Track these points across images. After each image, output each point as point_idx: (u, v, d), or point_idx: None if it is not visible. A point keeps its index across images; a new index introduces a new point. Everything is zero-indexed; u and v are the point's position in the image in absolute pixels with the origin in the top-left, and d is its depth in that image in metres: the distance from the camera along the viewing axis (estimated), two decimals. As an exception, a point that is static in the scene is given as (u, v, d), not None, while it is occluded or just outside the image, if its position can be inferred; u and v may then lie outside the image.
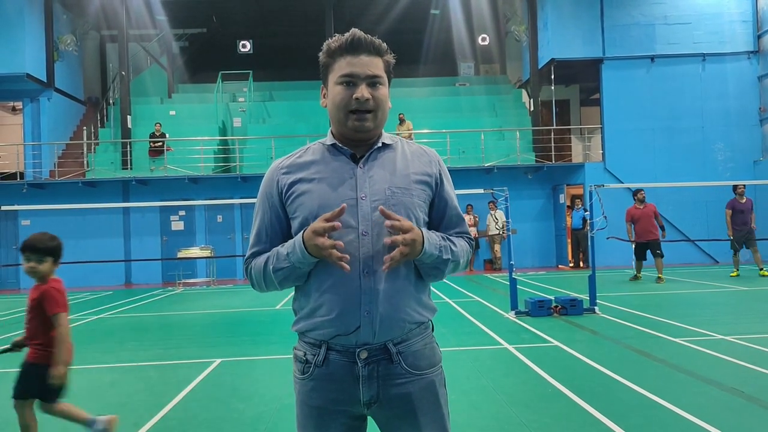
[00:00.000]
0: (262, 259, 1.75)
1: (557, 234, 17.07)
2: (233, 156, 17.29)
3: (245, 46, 19.88)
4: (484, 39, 20.56)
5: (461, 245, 1.78)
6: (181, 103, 19.65)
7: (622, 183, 15.58)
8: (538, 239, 17.08)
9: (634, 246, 12.44)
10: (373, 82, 1.69)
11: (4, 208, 9.17)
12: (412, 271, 1.70)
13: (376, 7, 18.97)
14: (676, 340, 6.45)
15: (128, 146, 17.01)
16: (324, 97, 1.78)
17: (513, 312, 8.42)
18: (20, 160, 16.81)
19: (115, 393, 5.11)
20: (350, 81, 1.68)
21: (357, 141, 1.74)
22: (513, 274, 8.64)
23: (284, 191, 1.74)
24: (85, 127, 18.01)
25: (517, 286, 8.82)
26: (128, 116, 17.27)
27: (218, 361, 6.22)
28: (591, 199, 8.88)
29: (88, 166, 16.95)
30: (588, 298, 8.67)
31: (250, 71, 19.76)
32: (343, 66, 1.68)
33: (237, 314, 9.82)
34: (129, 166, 16.79)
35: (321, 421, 1.70)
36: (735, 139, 16.57)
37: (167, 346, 7.26)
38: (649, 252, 12.19)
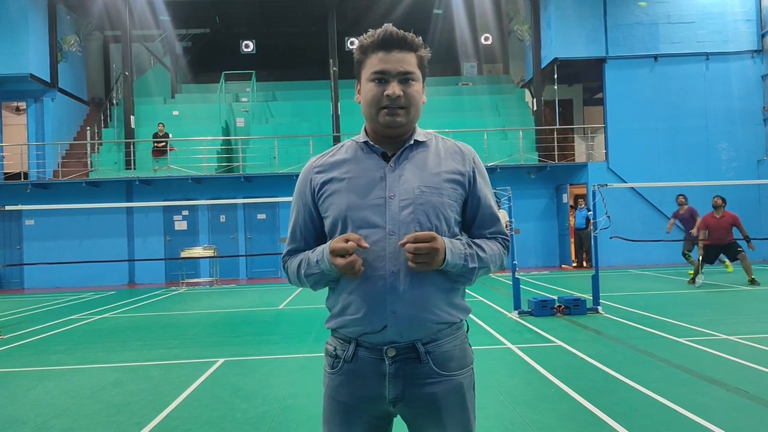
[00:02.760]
0: (296, 260, 1.78)
1: (560, 234, 17.05)
2: (236, 156, 17.31)
3: (248, 46, 19.88)
4: (486, 38, 20.51)
5: (492, 249, 1.76)
6: (184, 103, 19.66)
7: (626, 183, 15.57)
8: (541, 239, 17.05)
9: (702, 248, 11.40)
10: (404, 78, 1.67)
11: (8, 208, 9.19)
12: (441, 271, 1.68)
13: (379, 7, 18.97)
14: (680, 339, 6.44)
15: (131, 146, 17.03)
16: (358, 93, 1.77)
17: (516, 312, 8.41)
18: (24, 161, 16.84)
19: (118, 392, 5.11)
20: (382, 78, 1.67)
21: (389, 137, 1.73)
22: (516, 273, 8.63)
23: (317, 190, 1.74)
24: (88, 128, 18.04)
25: (521, 286, 8.81)
26: (131, 116, 17.29)
27: (221, 360, 6.22)
28: (594, 198, 8.87)
29: (91, 167, 16.98)
30: (591, 297, 8.66)
31: (253, 71, 19.76)
32: (374, 63, 1.68)
33: (240, 314, 9.82)
34: (132, 166, 16.81)
35: (346, 417, 1.70)
36: (739, 139, 16.52)
37: (170, 345, 7.26)
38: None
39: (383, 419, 1.73)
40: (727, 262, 12.49)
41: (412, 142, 1.74)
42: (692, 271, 11.74)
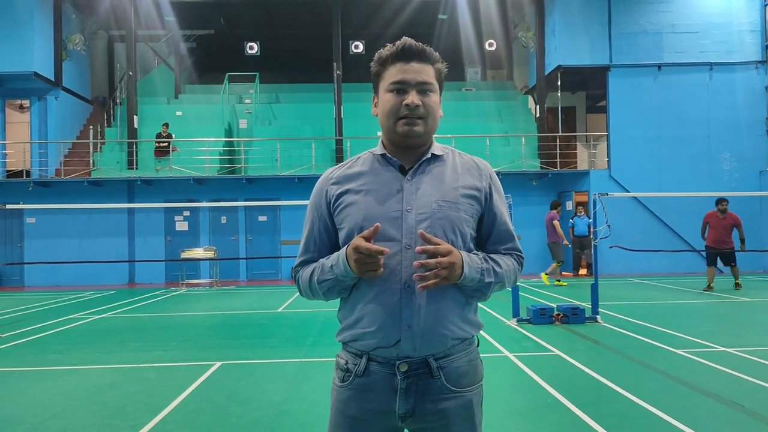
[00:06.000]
0: (309, 269, 1.76)
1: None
2: (238, 157, 17.33)
3: (252, 48, 19.93)
4: (491, 44, 20.55)
5: (507, 265, 1.75)
6: (187, 104, 19.70)
7: (627, 191, 15.57)
8: (542, 246, 17.01)
9: (705, 251, 12.21)
10: (423, 89, 1.68)
11: (9, 207, 9.20)
12: (457, 286, 1.67)
13: (384, 12, 18.99)
14: (678, 351, 6.43)
15: (134, 146, 17.06)
16: (375, 106, 1.77)
17: (515, 319, 8.40)
18: (27, 158, 16.89)
19: (114, 394, 5.12)
20: (400, 88, 1.67)
21: (407, 149, 1.73)
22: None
23: (332, 202, 1.74)
24: (91, 127, 18.07)
25: (520, 293, 8.80)
26: (135, 116, 17.32)
27: (218, 364, 6.22)
28: (595, 207, 8.86)
29: (93, 166, 17.02)
30: (590, 306, 8.65)
31: (257, 73, 19.81)
32: (393, 74, 1.68)
33: (239, 316, 9.82)
34: (135, 166, 16.84)
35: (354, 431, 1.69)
36: (741, 149, 16.51)
37: (168, 347, 7.26)
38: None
39: None
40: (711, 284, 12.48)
41: (429, 155, 1.74)
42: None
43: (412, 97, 1.65)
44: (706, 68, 16.59)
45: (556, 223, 13.61)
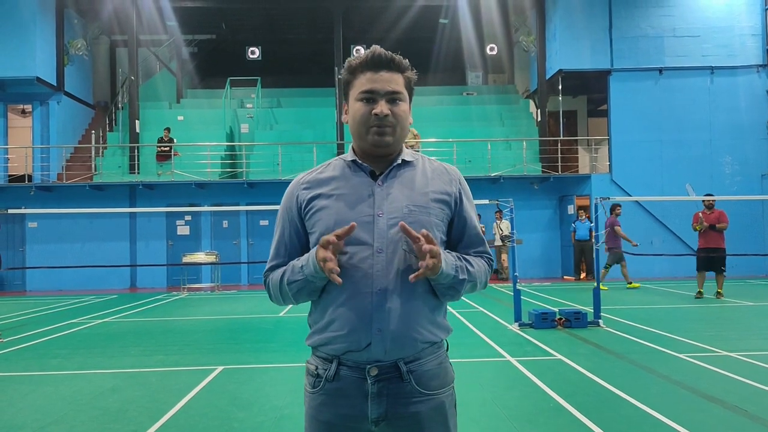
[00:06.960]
0: (279, 272, 1.76)
1: (563, 245, 17.02)
2: (240, 162, 17.35)
3: (254, 53, 19.97)
4: (492, 49, 20.57)
5: (479, 265, 1.77)
6: (189, 109, 19.74)
7: (629, 195, 15.56)
8: (543, 250, 17.03)
9: (696, 255, 11.81)
10: (392, 98, 1.69)
11: (11, 211, 9.21)
12: (427, 290, 1.69)
13: (386, 16, 19.03)
14: (680, 355, 6.41)
15: (136, 150, 17.09)
16: (346, 114, 1.78)
17: (517, 324, 8.39)
18: (29, 163, 16.92)
19: (115, 399, 5.11)
20: (370, 97, 1.68)
21: (377, 157, 1.74)
22: (517, 285, 8.62)
23: (303, 206, 1.75)
24: (93, 131, 18.12)
25: (522, 297, 8.79)
26: (137, 121, 17.35)
27: (220, 368, 6.21)
28: (596, 211, 8.86)
29: (95, 170, 17.04)
30: (592, 310, 8.63)
31: (259, 78, 19.83)
32: (363, 82, 1.69)
33: (240, 321, 9.82)
34: (136, 171, 16.86)
35: None
36: (743, 153, 16.50)
37: (169, 351, 7.26)
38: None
39: None
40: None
41: (399, 161, 1.75)
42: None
43: (382, 107, 1.67)
44: (707, 72, 16.60)
45: (617, 228, 13.07)
